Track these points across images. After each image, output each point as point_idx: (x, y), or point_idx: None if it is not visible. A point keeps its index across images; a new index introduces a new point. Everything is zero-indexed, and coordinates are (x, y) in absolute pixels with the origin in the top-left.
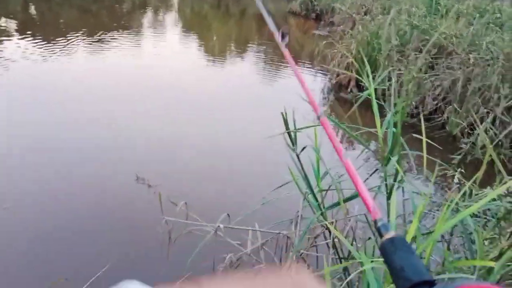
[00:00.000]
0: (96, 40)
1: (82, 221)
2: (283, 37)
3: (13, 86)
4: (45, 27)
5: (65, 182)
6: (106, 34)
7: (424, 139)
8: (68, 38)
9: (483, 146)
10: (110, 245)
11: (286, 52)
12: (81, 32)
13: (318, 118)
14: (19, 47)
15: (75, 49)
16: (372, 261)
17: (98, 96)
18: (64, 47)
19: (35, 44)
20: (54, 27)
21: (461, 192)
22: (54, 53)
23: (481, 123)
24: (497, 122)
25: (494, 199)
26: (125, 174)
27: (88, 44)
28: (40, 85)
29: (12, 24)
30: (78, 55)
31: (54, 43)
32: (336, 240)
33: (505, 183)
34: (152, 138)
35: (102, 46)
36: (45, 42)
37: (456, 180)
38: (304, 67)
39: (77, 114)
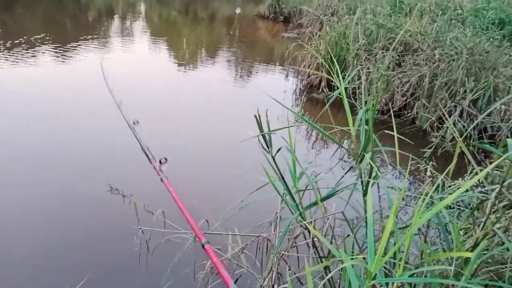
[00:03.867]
0: (62, 49)
1: (56, 235)
2: (161, 163)
3: None
4: (6, 37)
5: (35, 195)
6: (71, 42)
7: (396, 135)
8: (31, 47)
9: (453, 139)
10: (86, 258)
11: (165, 180)
12: (45, 41)
13: (203, 246)
14: None
15: (39, 58)
16: (352, 258)
17: (65, 104)
18: (26, 56)
19: None
20: (16, 36)
21: (435, 186)
22: (17, 62)
23: (449, 117)
24: (465, 114)
25: (466, 190)
26: (98, 185)
27: (53, 53)
28: (4, 94)
29: None
30: (42, 64)
31: (15, 53)
32: (315, 239)
33: (476, 174)
34: (123, 146)
35: (67, 54)
36: (5, 51)
37: (428, 173)
38: (275, 69)
39: (45, 123)
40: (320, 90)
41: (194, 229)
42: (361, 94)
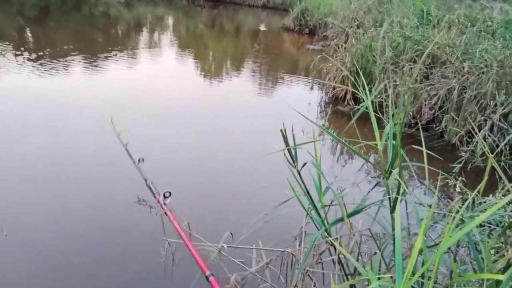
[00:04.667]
0: (94, 62)
1: (83, 246)
2: (165, 197)
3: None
4: (39, 50)
5: (63, 207)
6: (102, 55)
7: (425, 151)
8: (63, 60)
9: (483, 154)
10: (113, 269)
11: (169, 213)
12: (77, 54)
13: (207, 278)
14: (11, 72)
15: (72, 70)
16: (379, 277)
17: (94, 116)
18: (58, 69)
19: (29, 67)
20: (49, 49)
21: (466, 204)
22: (51, 74)
23: (479, 131)
24: (495, 129)
25: (498, 208)
26: (126, 196)
27: (86, 65)
28: (37, 105)
29: (5, 48)
30: (77, 75)
31: (47, 65)
32: (341, 256)
33: (508, 191)
34: (151, 158)
35: (99, 67)
36: (39, 65)
37: (458, 189)
38: (300, 81)
39: (76, 134)
40: (345, 103)
41: (198, 261)
42: (387, 107)
